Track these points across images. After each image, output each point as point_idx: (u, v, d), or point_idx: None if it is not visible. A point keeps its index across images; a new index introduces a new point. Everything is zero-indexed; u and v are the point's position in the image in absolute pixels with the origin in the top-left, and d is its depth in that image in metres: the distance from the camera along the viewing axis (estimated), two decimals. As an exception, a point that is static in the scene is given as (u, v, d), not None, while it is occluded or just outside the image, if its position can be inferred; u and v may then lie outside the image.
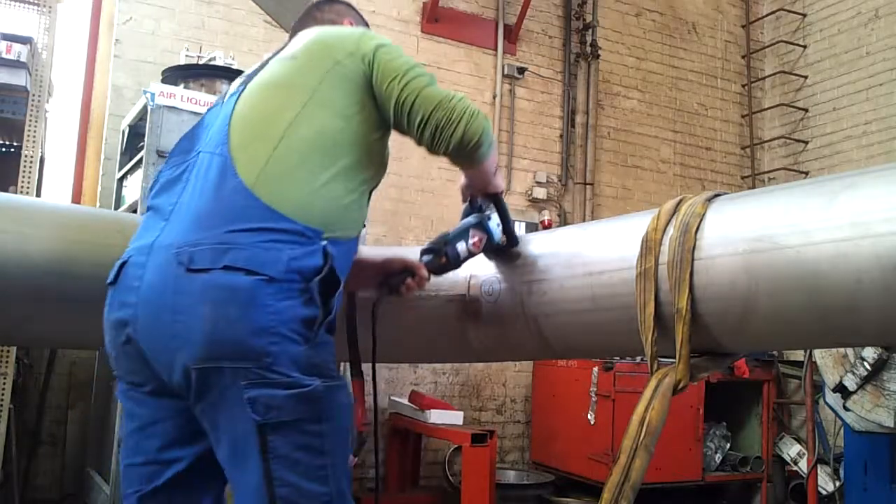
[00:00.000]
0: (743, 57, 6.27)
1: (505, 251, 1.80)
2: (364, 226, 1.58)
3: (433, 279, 1.75)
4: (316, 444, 1.32)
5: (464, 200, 1.80)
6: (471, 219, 1.75)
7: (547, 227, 5.19)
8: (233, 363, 1.28)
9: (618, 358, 4.24)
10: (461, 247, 1.70)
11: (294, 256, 1.33)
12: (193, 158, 1.49)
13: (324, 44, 1.55)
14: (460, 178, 1.74)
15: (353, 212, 1.49)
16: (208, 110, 1.63)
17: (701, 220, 1.44)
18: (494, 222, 1.75)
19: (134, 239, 1.47)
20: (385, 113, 1.52)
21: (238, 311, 1.28)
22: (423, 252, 1.71)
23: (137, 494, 1.44)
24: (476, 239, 1.71)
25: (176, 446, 1.42)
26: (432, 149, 1.51)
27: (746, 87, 6.20)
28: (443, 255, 1.69)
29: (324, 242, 1.39)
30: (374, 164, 1.55)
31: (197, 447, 1.42)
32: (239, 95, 1.52)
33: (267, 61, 1.61)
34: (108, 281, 1.44)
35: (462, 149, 1.49)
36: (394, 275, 1.71)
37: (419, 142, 1.52)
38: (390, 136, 1.60)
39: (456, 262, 1.70)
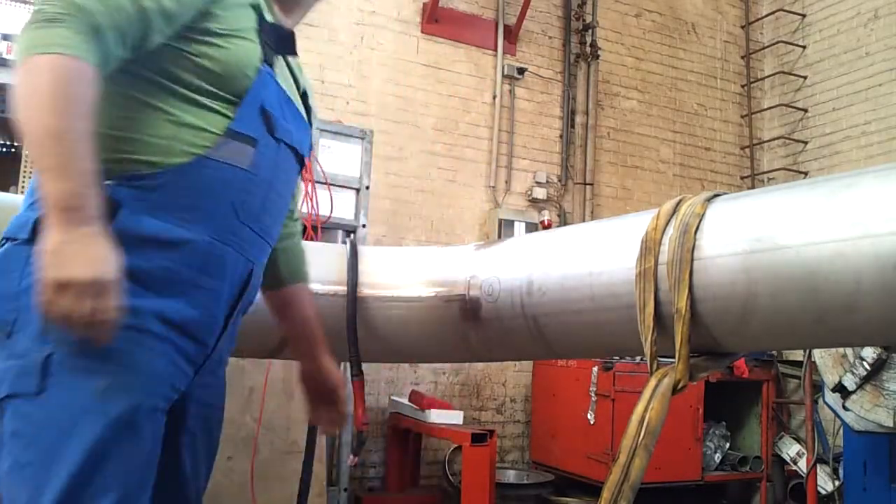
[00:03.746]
0: (742, 57, 6.28)
1: None
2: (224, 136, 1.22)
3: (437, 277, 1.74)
4: (26, 432, 1.07)
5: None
6: None
7: (547, 227, 5.19)
8: None
9: (617, 358, 4.24)
10: None
11: None
12: None
13: None
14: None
15: (162, 126, 1.19)
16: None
17: (700, 221, 1.44)
18: None
19: None
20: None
21: None
22: None
23: None
24: None
25: None
26: None
27: (746, 88, 6.21)
28: None
29: (108, 183, 1.11)
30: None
31: None
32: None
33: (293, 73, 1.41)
34: None
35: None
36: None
37: None
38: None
39: None
